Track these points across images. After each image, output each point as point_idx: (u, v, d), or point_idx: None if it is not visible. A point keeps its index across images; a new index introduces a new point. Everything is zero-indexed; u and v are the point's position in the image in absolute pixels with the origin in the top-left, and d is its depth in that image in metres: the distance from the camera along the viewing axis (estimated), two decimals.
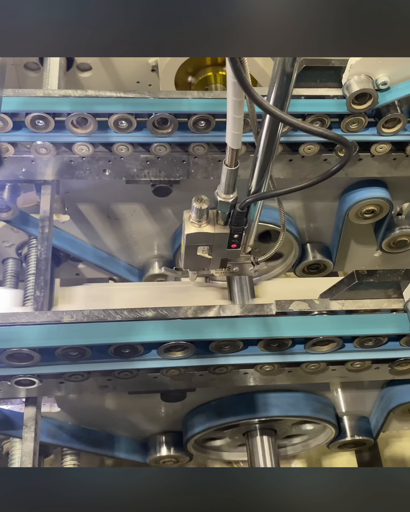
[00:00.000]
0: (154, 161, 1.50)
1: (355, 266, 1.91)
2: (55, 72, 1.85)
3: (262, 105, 0.83)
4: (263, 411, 1.57)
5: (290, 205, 1.73)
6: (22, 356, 1.21)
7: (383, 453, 2.22)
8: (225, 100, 0.89)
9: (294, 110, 1.40)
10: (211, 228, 1.12)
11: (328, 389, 1.65)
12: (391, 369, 1.40)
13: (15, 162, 1.48)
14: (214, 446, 1.84)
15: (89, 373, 1.30)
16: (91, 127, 1.41)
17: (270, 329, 1.24)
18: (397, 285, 1.26)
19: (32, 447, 1.26)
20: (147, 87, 2.14)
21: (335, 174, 0.94)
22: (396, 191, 1.67)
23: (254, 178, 1.05)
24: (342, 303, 1.26)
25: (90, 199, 1.68)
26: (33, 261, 1.61)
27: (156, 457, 1.72)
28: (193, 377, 1.36)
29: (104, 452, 1.68)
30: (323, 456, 2.24)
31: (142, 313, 1.22)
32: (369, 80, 1.39)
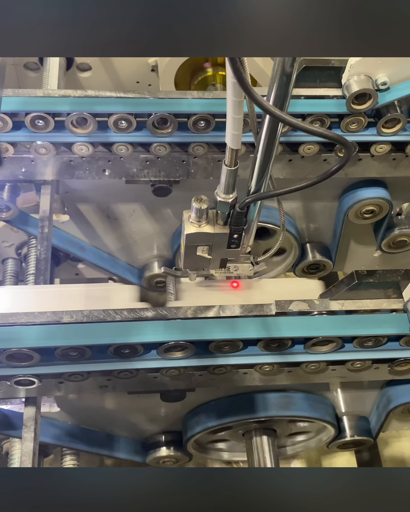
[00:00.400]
0: (154, 161, 1.50)
1: (354, 266, 1.91)
2: (55, 72, 1.85)
3: (262, 105, 0.83)
4: (263, 411, 1.57)
5: (290, 205, 1.72)
6: (21, 356, 1.21)
7: (383, 453, 2.21)
8: (224, 100, 0.88)
9: (293, 110, 1.40)
10: (210, 228, 1.12)
11: (328, 389, 1.65)
12: (390, 369, 1.40)
13: (14, 162, 1.48)
14: (213, 446, 1.84)
15: (89, 373, 1.30)
16: (91, 127, 1.41)
17: (269, 329, 1.24)
18: (397, 285, 1.26)
19: (31, 447, 1.26)
20: (147, 87, 2.14)
21: (334, 174, 0.94)
22: (395, 191, 1.67)
23: (254, 178, 1.05)
24: (341, 303, 1.26)
25: (90, 199, 1.68)
26: (33, 261, 1.61)
27: (156, 457, 1.71)
28: (193, 377, 1.36)
29: (103, 452, 1.68)
30: (322, 456, 2.24)
31: (142, 313, 1.22)
32: (369, 80, 1.39)
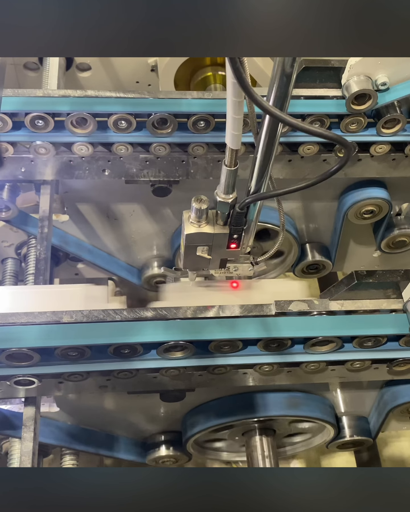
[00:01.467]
0: (154, 161, 1.50)
1: (354, 266, 1.91)
2: (54, 72, 1.85)
3: (262, 106, 0.83)
4: (262, 411, 1.57)
5: (289, 205, 1.73)
6: (21, 356, 1.21)
7: (382, 453, 2.22)
8: (224, 100, 0.89)
9: (293, 110, 1.40)
10: (210, 228, 1.12)
11: (327, 389, 1.65)
12: (390, 369, 1.40)
13: (14, 162, 1.48)
14: (213, 446, 1.84)
15: (88, 373, 1.30)
16: (91, 127, 1.41)
17: (269, 329, 1.24)
18: (396, 286, 1.26)
19: (31, 447, 1.26)
20: (146, 87, 2.14)
21: (334, 175, 0.94)
22: (395, 191, 1.67)
23: (254, 178, 1.05)
24: (341, 304, 1.26)
25: (90, 199, 1.68)
26: (33, 261, 1.61)
27: (156, 457, 1.71)
28: (192, 377, 1.36)
29: (103, 452, 1.68)
30: (322, 456, 2.24)
31: (141, 313, 1.22)
32: (369, 81, 1.39)
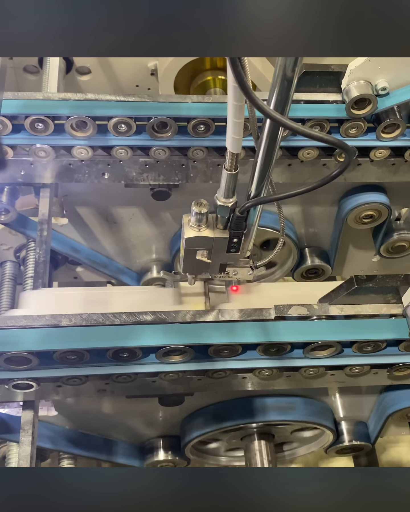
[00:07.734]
0: (154, 165, 1.50)
1: (353, 271, 1.91)
2: (54, 75, 1.85)
3: (263, 110, 0.83)
4: (261, 415, 1.57)
5: (289, 210, 1.72)
6: (20, 359, 1.20)
7: (381, 458, 2.21)
8: (224, 104, 0.89)
9: (293, 114, 1.40)
10: (210, 232, 1.12)
11: (326, 394, 1.64)
12: (389, 374, 1.40)
13: (14, 165, 1.47)
14: (211, 450, 1.83)
15: (87, 377, 1.29)
16: (91, 131, 1.41)
17: (268, 334, 1.24)
18: (396, 290, 1.26)
19: (29, 451, 1.26)
20: (146, 90, 2.14)
21: (335, 179, 0.94)
22: (394, 196, 1.67)
23: (254, 182, 1.05)
24: (341, 308, 1.26)
25: (89, 202, 1.68)
26: (31, 264, 1.60)
27: (154, 461, 1.71)
28: (191, 381, 1.36)
29: (101, 457, 1.68)
30: (320, 461, 2.23)
31: (141, 317, 1.22)
32: (369, 85, 1.39)
